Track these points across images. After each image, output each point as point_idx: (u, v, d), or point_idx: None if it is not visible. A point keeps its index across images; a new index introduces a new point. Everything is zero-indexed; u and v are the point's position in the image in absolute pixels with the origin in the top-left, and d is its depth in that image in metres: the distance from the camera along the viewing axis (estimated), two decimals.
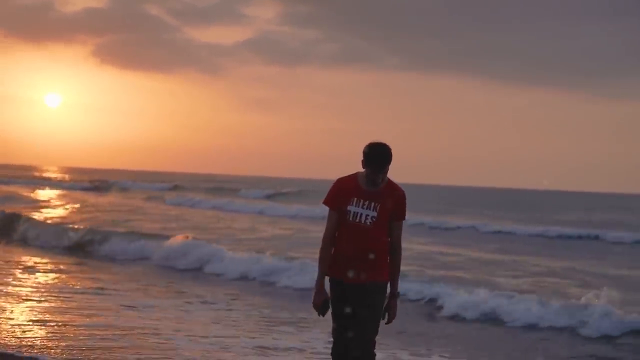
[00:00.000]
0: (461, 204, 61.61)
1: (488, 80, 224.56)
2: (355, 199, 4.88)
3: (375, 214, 4.86)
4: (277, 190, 67.59)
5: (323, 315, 5.00)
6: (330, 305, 4.98)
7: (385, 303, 5.00)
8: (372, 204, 4.87)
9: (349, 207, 4.88)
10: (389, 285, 5.02)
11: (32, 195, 44.04)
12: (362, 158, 4.86)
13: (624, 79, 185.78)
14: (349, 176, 5.01)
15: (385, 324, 5.04)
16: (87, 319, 9.17)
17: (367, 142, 4.87)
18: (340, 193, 4.94)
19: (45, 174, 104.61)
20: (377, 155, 4.79)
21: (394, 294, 5.03)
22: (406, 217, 5.02)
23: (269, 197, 59.87)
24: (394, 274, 5.01)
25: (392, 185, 4.95)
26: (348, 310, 4.90)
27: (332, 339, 5.04)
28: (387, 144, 4.86)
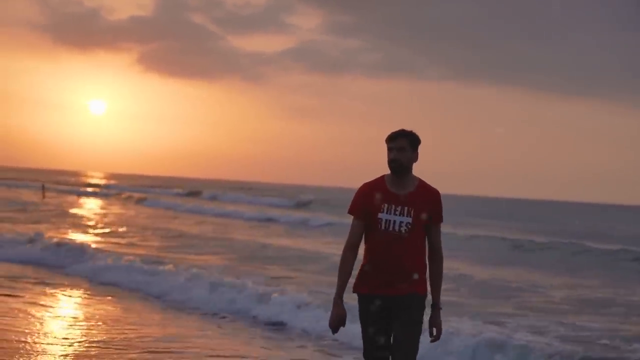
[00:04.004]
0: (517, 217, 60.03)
1: (527, 91, 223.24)
2: (386, 205, 4.45)
3: (410, 220, 4.44)
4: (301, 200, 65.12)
5: (336, 332, 4.55)
6: (344, 323, 4.52)
7: (429, 317, 4.58)
8: (406, 209, 4.45)
9: (379, 215, 4.45)
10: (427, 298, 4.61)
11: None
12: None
13: None
14: (376, 180, 4.58)
15: (431, 341, 4.58)
16: None
17: None
18: (367, 200, 4.50)
19: (94, 180, 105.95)
20: (392, 132, 4.53)
21: (437, 305, 4.58)
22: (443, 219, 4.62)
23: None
24: (435, 283, 4.59)
25: (424, 185, 4.55)
26: (382, 331, 4.48)
27: None
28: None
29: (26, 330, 8.82)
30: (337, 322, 4.49)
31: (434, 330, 4.56)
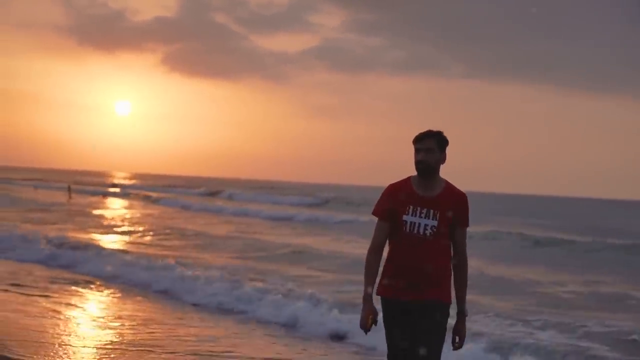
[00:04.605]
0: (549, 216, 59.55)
1: (553, 89, 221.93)
2: (412, 207, 4.39)
3: (435, 222, 4.37)
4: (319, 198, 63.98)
5: (368, 331, 4.48)
6: (376, 322, 4.45)
7: (454, 324, 4.52)
8: (431, 211, 4.38)
9: (404, 217, 4.39)
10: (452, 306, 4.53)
11: None
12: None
13: None
14: (402, 181, 4.51)
15: (454, 349, 4.53)
16: None
17: None
18: (393, 201, 4.45)
19: (118, 181, 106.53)
20: (420, 133, 4.46)
21: (462, 312, 4.53)
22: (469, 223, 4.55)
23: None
24: (460, 290, 4.52)
25: (451, 188, 4.47)
26: (406, 335, 4.41)
27: None
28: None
29: (61, 331, 8.99)
30: (368, 321, 4.41)
31: (457, 338, 4.50)
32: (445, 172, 4.57)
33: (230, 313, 11.49)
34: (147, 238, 23.49)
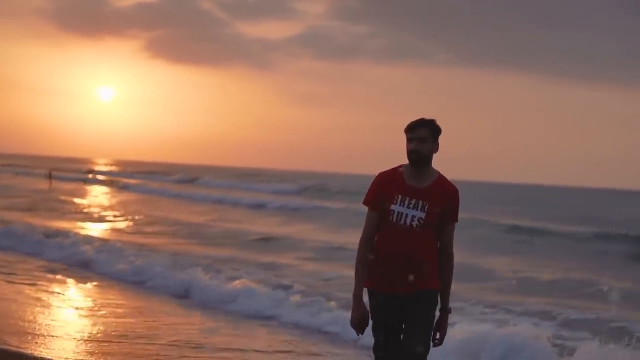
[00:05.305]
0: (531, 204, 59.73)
1: (536, 77, 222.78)
2: (400, 196, 4.27)
3: (422, 214, 4.25)
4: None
5: (362, 333, 4.37)
6: (369, 320, 4.38)
7: (435, 319, 4.40)
8: (420, 203, 4.26)
9: (392, 207, 4.27)
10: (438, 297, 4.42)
11: None
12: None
13: None
14: (392, 170, 4.39)
15: (434, 345, 4.39)
16: None
17: None
18: (382, 190, 4.32)
19: (99, 167, 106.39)
20: (412, 121, 4.33)
21: (445, 308, 4.43)
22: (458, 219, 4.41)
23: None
24: (445, 286, 4.40)
25: (443, 180, 4.34)
26: (390, 326, 4.36)
27: (373, 357, 4.48)
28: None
29: (41, 319, 8.93)
30: (360, 321, 4.32)
31: (438, 334, 4.39)
32: (433, 160, 4.44)
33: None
34: (113, 224, 23.74)
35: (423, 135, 4.23)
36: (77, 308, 10.02)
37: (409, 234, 4.23)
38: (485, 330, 8.64)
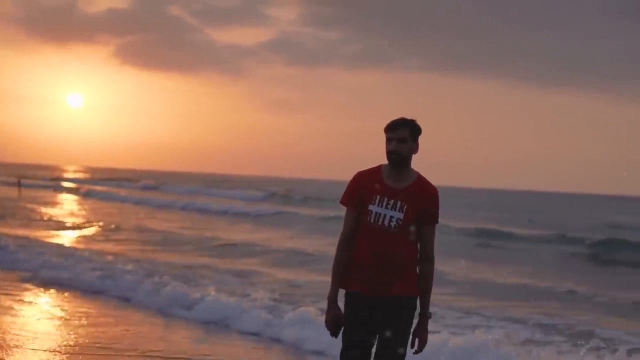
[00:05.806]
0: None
1: (510, 82, 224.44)
2: (379, 196, 4.19)
3: (401, 215, 4.17)
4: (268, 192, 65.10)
5: (336, 336, 4.29)
6: (342, 324, 4.26)
7: (414, 326, 4.28)
8: (398, 203, 4.18)
9: (370, 207, 4.19)
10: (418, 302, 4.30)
11: None
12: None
13: None
14: (371, 169, 4.31)
15: (414, 353, 4.28)
16: None
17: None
18: (360, 189, 4.25)
19: (69, 175, 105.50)
20: (393, 121, 4.26)
21: (425, 314, 4.31)
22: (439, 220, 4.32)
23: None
24: (424, 290, 4.28)
25: (422, 181, 4.27)
26: (363, 329, 4.22)
27: None
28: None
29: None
30: (335, 323, 4.25)
31: (417, 341, 4.27)
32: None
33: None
34: (81, 232, 23.90)
35: (403, 135, 4.18)
36: (46, 318, 10.14)
37: (387, 235, 4.16)
38: (443, 337, 8.65)
